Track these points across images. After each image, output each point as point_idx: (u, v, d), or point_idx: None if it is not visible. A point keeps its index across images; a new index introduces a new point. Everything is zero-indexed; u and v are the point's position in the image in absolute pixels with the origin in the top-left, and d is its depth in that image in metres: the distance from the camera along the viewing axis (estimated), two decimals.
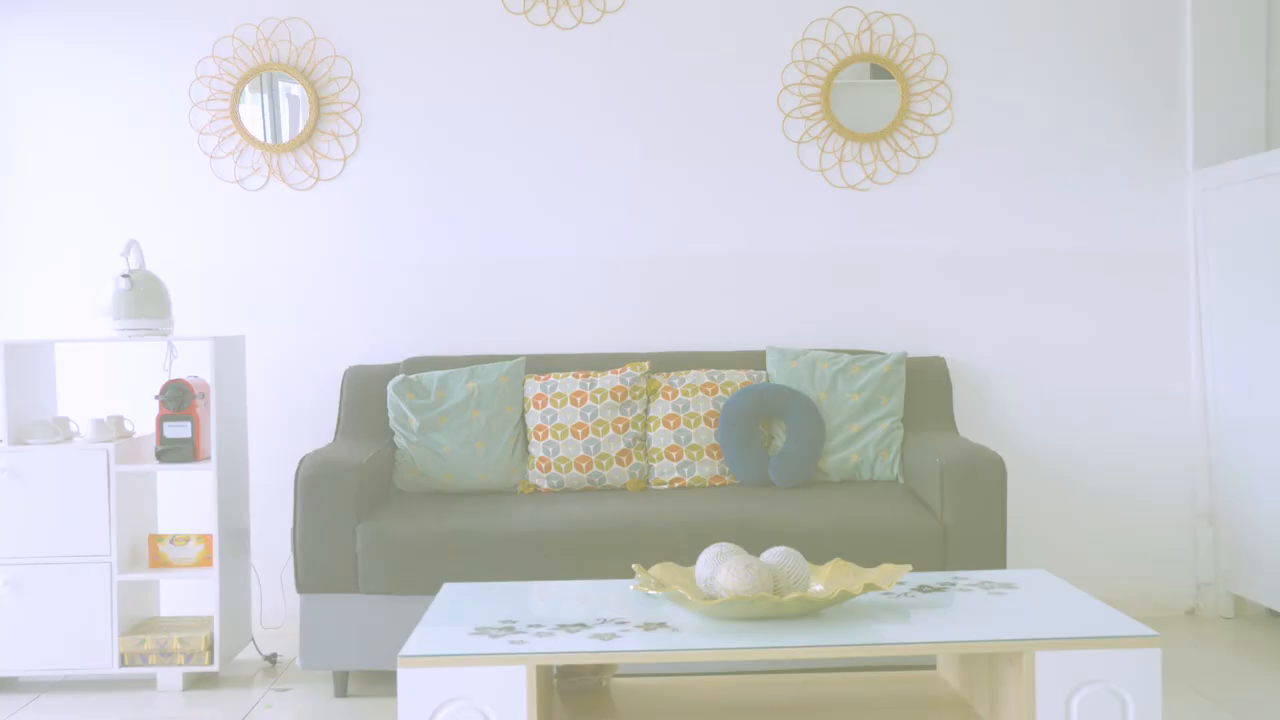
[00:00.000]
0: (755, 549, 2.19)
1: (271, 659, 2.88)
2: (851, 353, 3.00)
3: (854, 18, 3.13)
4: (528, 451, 2.96)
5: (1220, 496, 3.14)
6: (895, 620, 1.81)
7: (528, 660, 1.60)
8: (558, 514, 2.64)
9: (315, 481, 2.54)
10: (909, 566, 1.85)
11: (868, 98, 3.20)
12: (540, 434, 2.93)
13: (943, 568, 2.42)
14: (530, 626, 1.73)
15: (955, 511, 2.49)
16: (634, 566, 1.86)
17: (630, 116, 3.21)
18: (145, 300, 2.76)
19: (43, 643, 2.63)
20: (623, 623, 1.74)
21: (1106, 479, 3.16)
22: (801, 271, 3.20)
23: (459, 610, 1.91)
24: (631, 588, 1.84)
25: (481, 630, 1.72)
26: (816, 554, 2.21)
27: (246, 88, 3.14)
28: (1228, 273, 3.07)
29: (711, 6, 3.20)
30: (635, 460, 2.93)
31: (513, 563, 2.52)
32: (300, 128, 3.15)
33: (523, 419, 2.97)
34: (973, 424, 3.08)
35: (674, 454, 2.91)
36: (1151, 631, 1.67)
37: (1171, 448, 3.19)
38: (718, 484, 2.86)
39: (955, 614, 1.91)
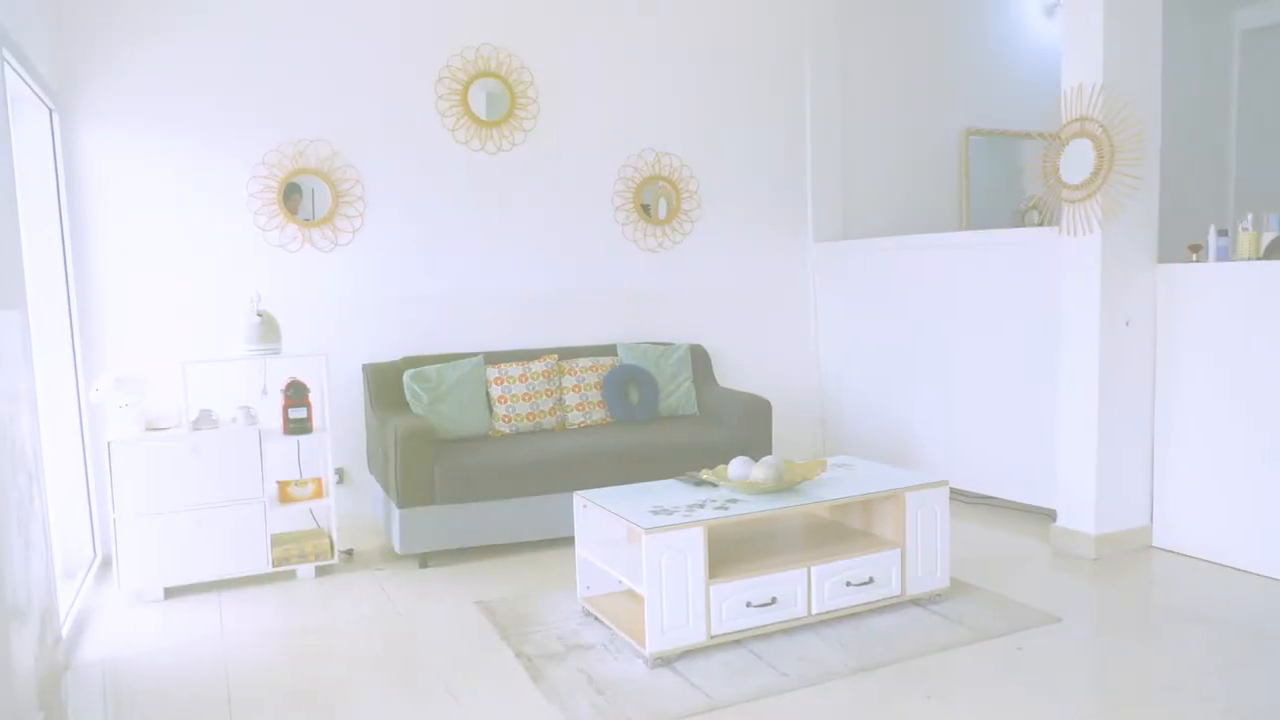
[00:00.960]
0: (642, 458, 4.19)
1: (349, 552, 4.35)
2: (663, 344, 5.03)
3: (651, 155, 5.21)
4: (494, 411, 4.74)
5: (828, 410, 5.89)
6: (838, 485, 3.25)
7: (702, 525, 2.86)
8: (538, 447, 4.11)
9: (411, 439, 3.83)
10: (825, 461, 3.48)
11: (660, 199, 5.25)
12: (501, 401, 4.68)
13: None
14: (673, 509, 2.98)
15: (748, 431, 4.41)
16: (703, 472, 3.29)
17: (534, 206, 4.83)
18: (270, 330, 4.08)
19: (219, 557, 3.72)
20: (711, 501, 3.04)
21: (783, 405, 5.50)
22: (629, 298, 5.08)
23: (617, 505, 3.06)
24: (687, 483, 3.27)
25: (656, 511, 2.95)
26: (677, 457, 4.16)
27: (288, 184, 4.36)
28: (830, 300, 5.61)
29: (575, 147, 4.89)
30: (558, 413, 4.82)
31: (526, 478, 3.98)
32: (324, 211, 4.57)
33: (488, 392, 4.73)
34: (722, 381, 5.38)
35: (580, 408, 4.80)
36: (941, 478, 3.36)
37: (806, 387, 5.64)
38: (607, 423, 4.66)
39: (856, 479, 3.35)
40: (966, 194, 6.19)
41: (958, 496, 4.84)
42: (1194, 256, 3.88)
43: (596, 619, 3.27)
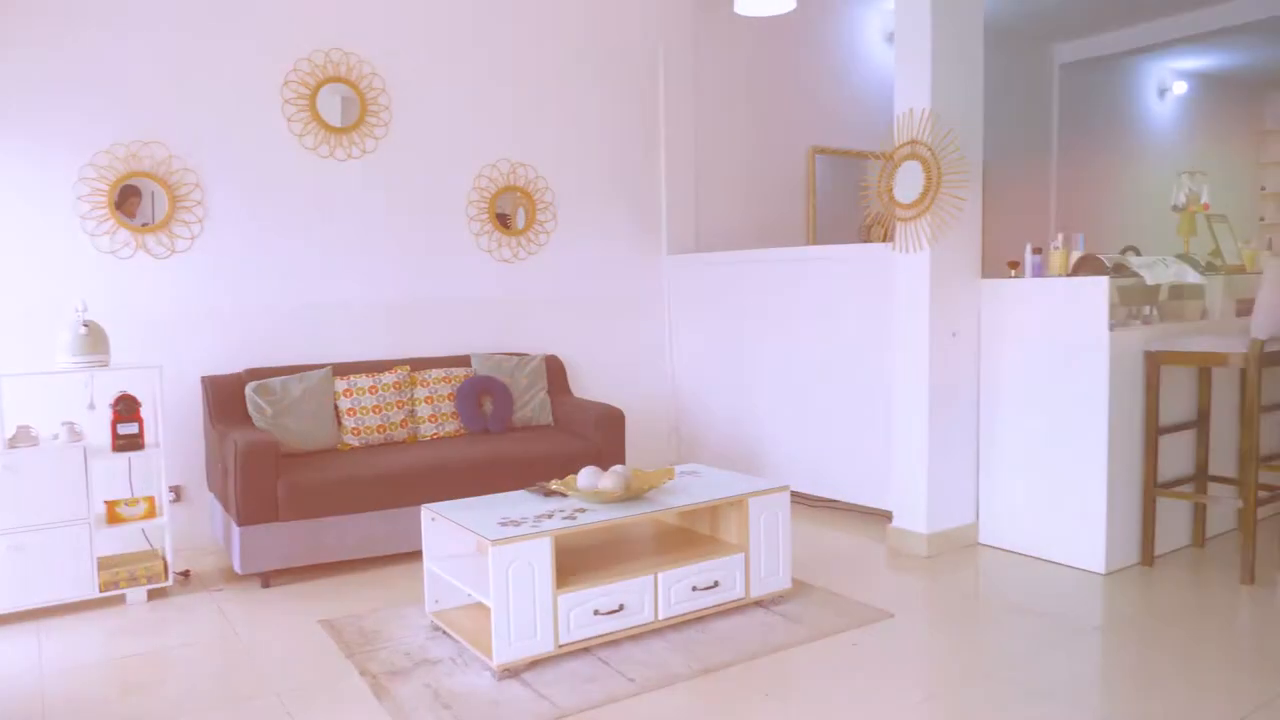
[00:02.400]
0: (496, 469, 4.20)
1: (185, 574, 4.11)
2: (518, 355, 5.07)
3: (506, 165, 5.19)
4: (342, 424, 4.59)
5: (681, 419, 6.00)
6: (685, 492, 3.31)
7: (549, 535, 2.86)
8: (388, 460, 4.00)
9: (251, 453, 3.69)
10: (674, 469, 3.55)
11: (519, 209, 5.20)
12: (350, 413, 4.54)
13: None
14: (521, 520, 2.96)
15: (602, 441, 4.44)
16: (553, 483, 3.31)
17: (386, 215, 4.73)
18: (97, 341, 3.81)
19: (39, 583, 3.47)
20: (559, 511, 3.04)
21: (638, 415, 5.53)
22: (484, 309, 5.03)
23: (465, 518, 3.00)
24: (537, 494, 3.27)
25: (503, 523, 2.93)
26: (531, 468, 4.19)
27: (125, 186, 4.11)
28: (683, 311, 5.74)
29: (428, 155, 4.81)
30: (410, 425, 4.73)
31: (374, 492, 3.87)
32: (161, 216, 4.32)
33: (336, 404, 4.58)
34: (578, 391, 5.43)
35: (433, 419, 4.74)
36: (787, 483, 3.49)
37: (660, 397, 5.75)
38: (460, 435, 4.65)
39: (702, 487, 3.41)
40: (813, 209, 6.44)
41: (803, 501, 5.02)
42: (1013, 272, 4.15)
43: (445, 633, 3.23)
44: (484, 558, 2.99)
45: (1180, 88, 9.50)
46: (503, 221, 5.18)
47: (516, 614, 2.86)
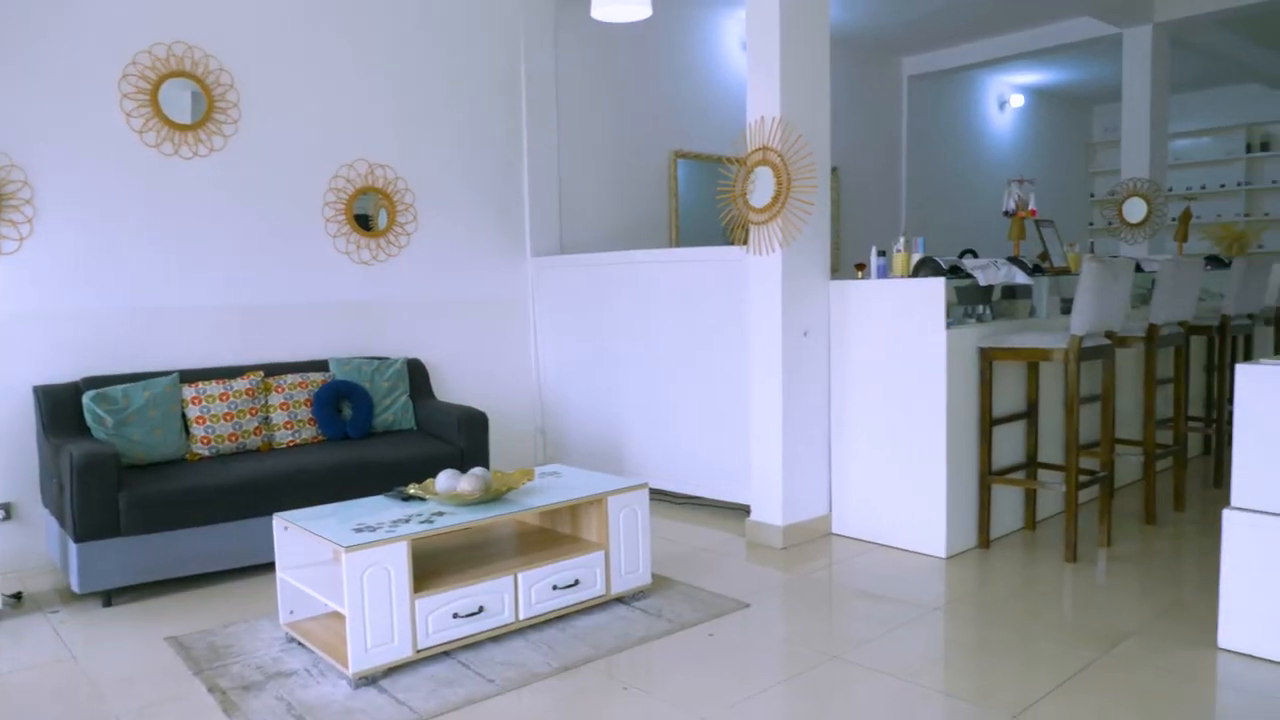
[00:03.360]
0: (356, 476, 4.11)
1: (17, 596, 3.85)
2: (378, 358, 5.00)
3: (364, 166, 5.10)
4: (191, 433, 4.39)
5: (547, 420, 6.02)
6: (545, 493, 3.32)
7: (405, 539, 2.83)
8: (240, 469, 3.88)
9: (89, 466, 3.50)
10: (534, 470, 3.57)
11: (381, 211, 5.08)
12: (199, 422, 4.36)
13: None
14: (377, 525, 2.92)
15: (466, 443, 4.43)
16: (411, 487, 3.25)
17: (236, 215, 4.56)
18: None
19: None
20: (417, 515, 3.01)
21: (503, 417, 5.62)
22: (342, 312, 4.92)
23: (318, 525, 2.93)
24: (395, 499, 3.23)
25: (359, 529, 2.88)
26: (393, 473, 4.11)
27: None
28: (547, 313, 5.81)
29: (281, 155, 4.68)
30: (264, 432, 4.58)
31: (226, 503, 3.74)
32: None
33: (184, 413, 4.38)
34: (441, 394, 5.39)
35: (289, 426, 4.60)
36: (647, 481, 3.67)
37: (526, 398, 5.79)
38: (318, 441, 4.55)
39: (563, 487, 3.43)
40: (675, 212, 6.56)
41: (665, 498, 5.12)
42: (860, 274, 4.35)
43: (301, 644, 3.16)
44: (339, 565, 2.94)
45: (1018, 101, 10.11)
46: (362, 223, 5.08)
47: (373, 621, 2.82)
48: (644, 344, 5.09)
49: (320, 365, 4.74)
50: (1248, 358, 5.51)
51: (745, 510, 4.58)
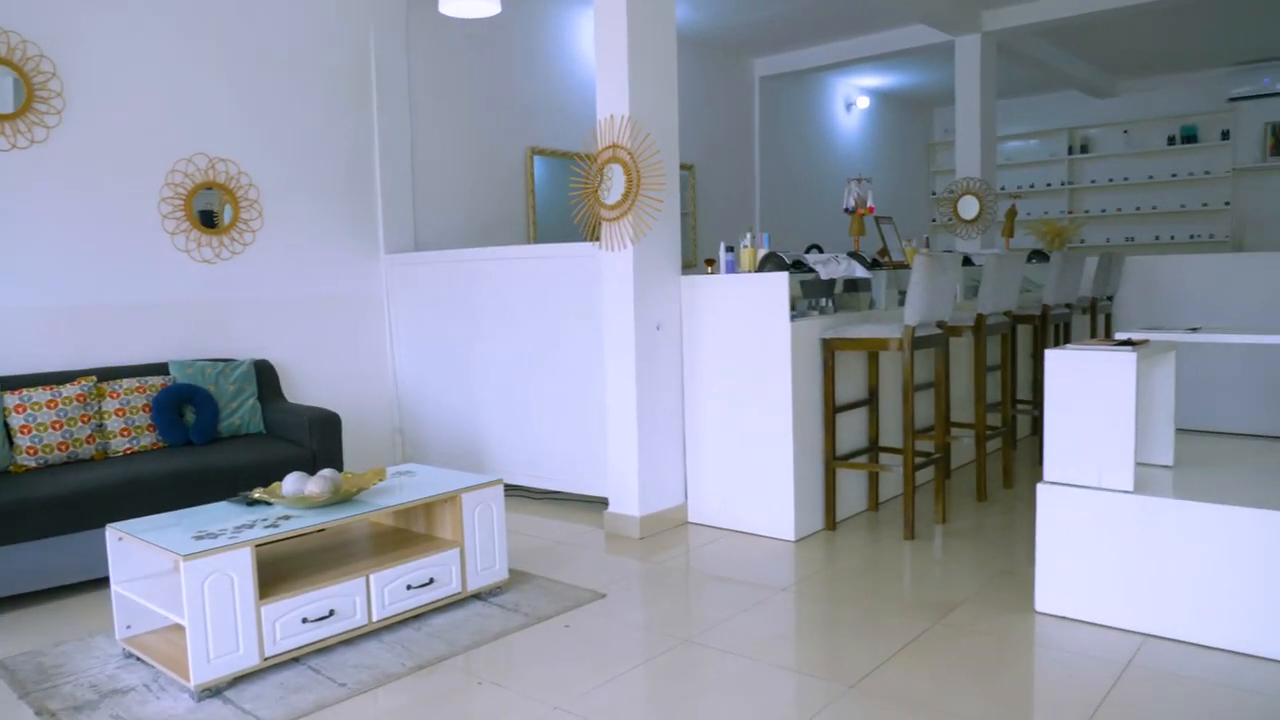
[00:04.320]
0: (200, 483, 3.93)
1: None
2: (223, 360, 4.81)
3: (204, 160, 4.91)
4: (14, 443, 4.10)
5: (405, 419, 5.92)
6: (398, 492, 3.28)
7: (248, 545, 2.75)
8: (71, 480, 3.66)
9: None
10: (385, 468, 3.51)
11: (226, 207, 4.90)
12: (24, 431, 4.07)
13: None
14: (219, 531, 2.83)
15: (319, 445, 4.32)
16: (256, 491, 3.13)
17: (62, 211, 4.30)
18: None
19: None
20: (262, 520, 2.93)
21: (359, 418, 5.46)
22: (183, 313, 4.71)
23: (155, 535, 2.83)
24: (239, 504, 3.13)
25: (199, 536, 2.79)
26: (240, 479, 3.98)
27: None
28: (403, 311, 5.72)
29: (112, 147, 4.45)
30: (98, 440, 4.32)
31: (55, 516, 3.55)
32: None
33: (6, 422, 4.09)
34: (293, 396, 5.21)
35: (126, 433, 4.36)
36: (495, 476, 3.63)
37: (382, 398, 5.73)
38: (158, 448, 4.37)
39: (416, 485, 3.39)
40: (533, 209, 6.57)
41: (526, 494, 5.13)
42: (710, 269, 4.47)
43: (139, 659, 3.02)
44: (179, 575, 2.83)
45: (864, 102, 10.56)
46: (207, 219, 4.87)
47: (216, 630, 2.73)
48: (502, 341, 5.08)
49: (160, 369, 4.53)
50: (1067, 343, 5.94)
51: (604, 503, 4.64)
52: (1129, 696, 2.59)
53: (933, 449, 4.77)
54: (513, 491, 5.22)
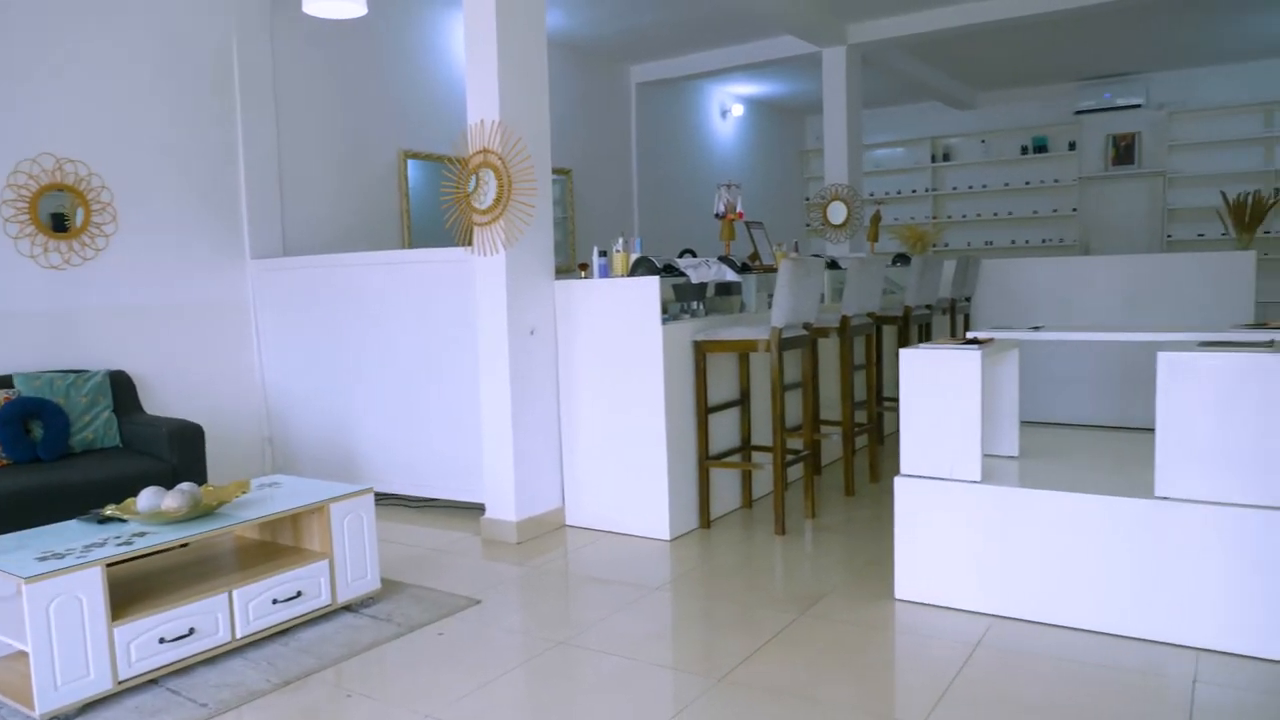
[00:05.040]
0: (49, 501, 3.70)
1: None
2: (74, 372, 4.55)
3: (50, 160, 4.65)
4: None
5: (275, 430, 5.73)
6: (262, 505, 3.20)
7: (98, 564, 2.64)
8: None
9: None
10: (249, 480, 3.45)
11: (74, 212, 4.61)
12: None
13: None
14: (67, 551, 2.71)
15: (180, 458, 4.13)
16: (109, 508, 3.00)
17: None
18: None
19: None
20: (115, 538, 2.82)
21: (224, 429, 5.26)
22: (29, 322, 4.45)
23: None
24: (90, 522, 2.99)
25: (44, 557, 2.65)
26: (94, 496, 3.80)
27: None
28: (272, 318, 5.50)
29: None
30: None
31: None
32: None
33: None
34: (152, 408, 4.98)
35: None
36: (366, 485, 3.49)
37: (250, 408, 5.52)
38: (2, 465, 4.22)
39: (282, 497, 3.31)
40: (407, 213, 6.47)
41: (403, 502, 5.06)
42: (583, 273, 4.50)
43: None
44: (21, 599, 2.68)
45: (738, 110, 10.80)
46: (57, 223, 4.62)
47: (63, 655, 2.60)
48: (375, 347, 4.99)
49: (3, 381, 4.27)
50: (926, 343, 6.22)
51: (481, 509, 4.62)
52: (978, 674, 2.74)
53: (802, 446, 4.91)
54: (389, 500, 5.13)
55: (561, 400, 4.45)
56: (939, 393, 3.18)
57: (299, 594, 3.21)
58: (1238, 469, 2.75)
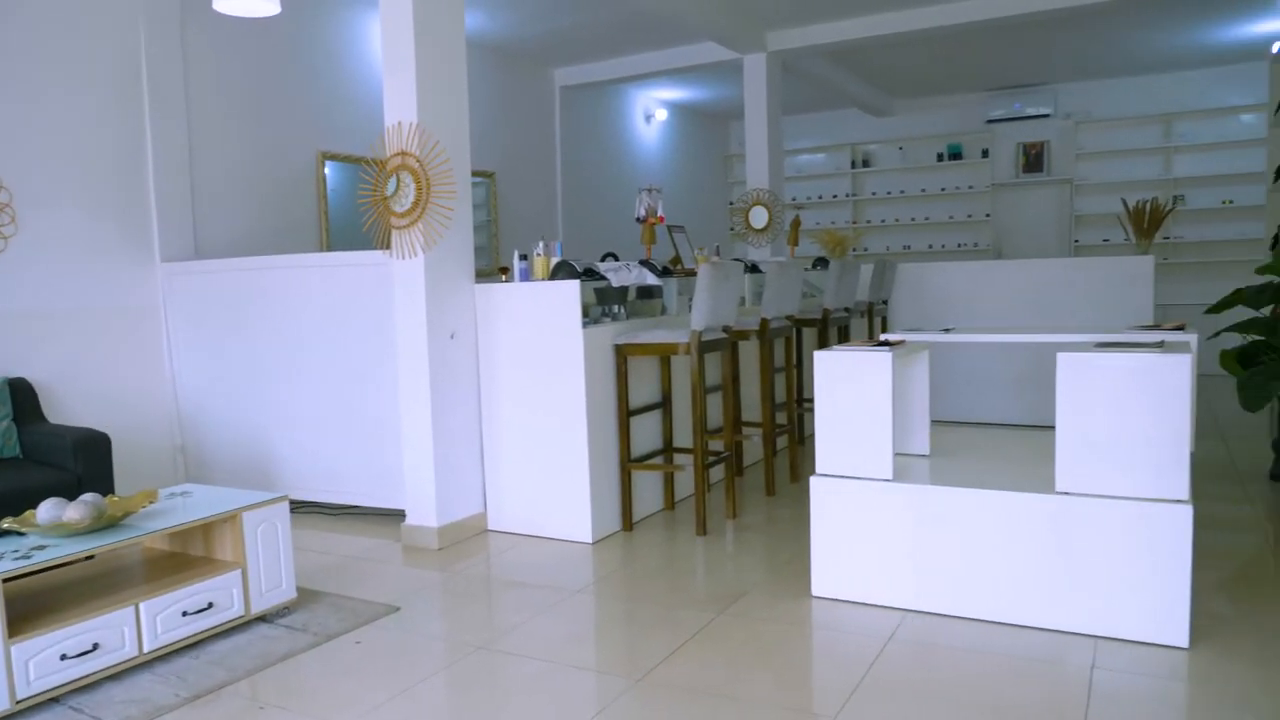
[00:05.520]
0: None
1: None
2: None
3: None
4: None
5: (188, 438, 5.57)
6: (171, 515, 3.13)
7: None
8: None
9: None
10: (157, 490, 3.31)
11: None
12: None
13: None
14: None
15: (85, 468, 3.98)
16: (6, 521, 2.88)
17: None
18: None
19: None
20: (11, 552, 2.71)
21: (134, 438, 5.06)
22: None
23: None
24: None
25: None
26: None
27: None
28: (184, 322, 5.30)
29: None
30: None
31: None
32: None
33: None
34: (56, 416, 4.75)
35: None
36: (280, 493, 3.36)
37: (161, 416, 5.37)
38: None
39: (192, 506, 3.25)
40: (325, 215, 6.37)
41: (322, 510, 4.98)
42: (504, 277, 4.49)
43: None
44: None
45: (662, 114, 10.88)
46: None
47: None
48: (292, 352, 4.90)
49: None
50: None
51: (403, 515, 4.57)
52: (891, 666, 2.82)
53: (723, 448, 4.97)
54: (308, 508, 5.04)
55: (483, 404, 4.43)
56: (851, 394, 3.26)
57: (210, 605, 3.13)
58: (1132, 464, 2.88)
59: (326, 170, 6.39)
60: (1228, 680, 2.65)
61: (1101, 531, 2.91)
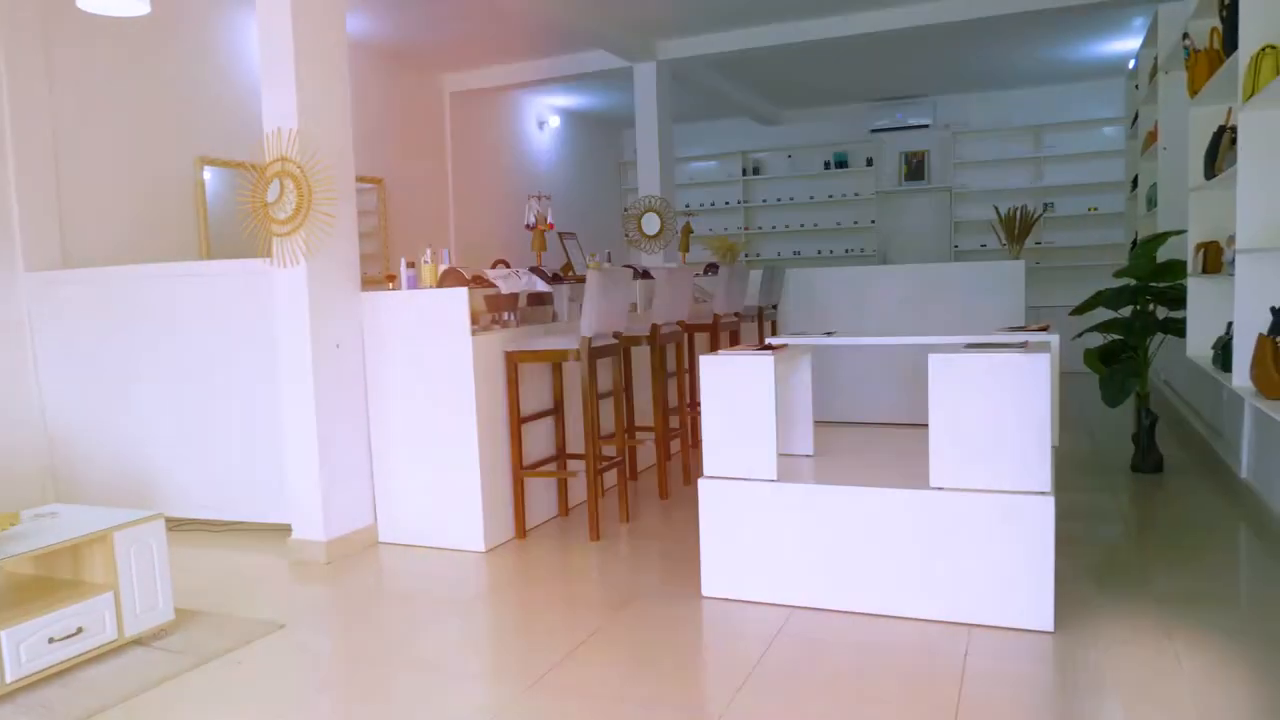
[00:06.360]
0: None
1: None
2: None
3: None
4: None
5: (57, 457, 5.29)
6: (32, 537, 2.95)
7: None
8: None
9: None
10: (19, 512, 3.19)
11: None
12: None
13: None
14: None
15: None
16: None
17: None
18: None
19: None
20: None
21: None
22: None
23: None
24: None
25: None
26: None
27: None
28: (52, 336, 5.01)
29: None
30: None
31: None
32: None
33: None
34: None
35: None
36: (155, 511, 3.43)
37: (28, 436, 5.08)
38: None
39: (58, 528, 3.09)
40: (205, 221, 6.16)
41: (204, 526, 4.81)
42: (390, 285, 4.43)
43: None
44: None
45: (555, 121, 10.89)
46: None
47: None
48: (171, 364, 4.72)
49: None
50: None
51: (288, 530, 4.45)
52: (777, 661, 2.89)
53: (615, 453, 5.01)
54: (189, 525, 4.86)
55: (372, 415, 4.36)
56: (735, 397, 3.34)
57: (80, 630, 3.00)
58: (998, 459, 3.03)
59: (206, 176, 6.18)
60: (1090, 661, 2.82)
61: (971, 524, 3.06)
